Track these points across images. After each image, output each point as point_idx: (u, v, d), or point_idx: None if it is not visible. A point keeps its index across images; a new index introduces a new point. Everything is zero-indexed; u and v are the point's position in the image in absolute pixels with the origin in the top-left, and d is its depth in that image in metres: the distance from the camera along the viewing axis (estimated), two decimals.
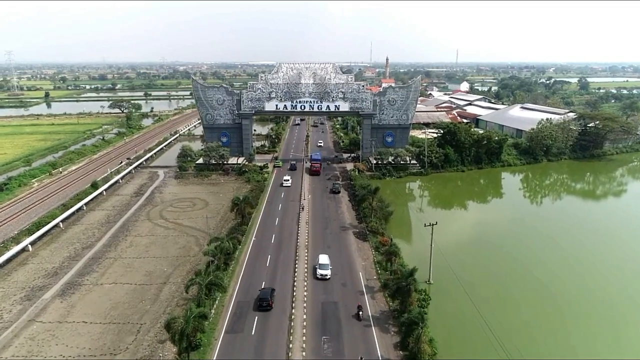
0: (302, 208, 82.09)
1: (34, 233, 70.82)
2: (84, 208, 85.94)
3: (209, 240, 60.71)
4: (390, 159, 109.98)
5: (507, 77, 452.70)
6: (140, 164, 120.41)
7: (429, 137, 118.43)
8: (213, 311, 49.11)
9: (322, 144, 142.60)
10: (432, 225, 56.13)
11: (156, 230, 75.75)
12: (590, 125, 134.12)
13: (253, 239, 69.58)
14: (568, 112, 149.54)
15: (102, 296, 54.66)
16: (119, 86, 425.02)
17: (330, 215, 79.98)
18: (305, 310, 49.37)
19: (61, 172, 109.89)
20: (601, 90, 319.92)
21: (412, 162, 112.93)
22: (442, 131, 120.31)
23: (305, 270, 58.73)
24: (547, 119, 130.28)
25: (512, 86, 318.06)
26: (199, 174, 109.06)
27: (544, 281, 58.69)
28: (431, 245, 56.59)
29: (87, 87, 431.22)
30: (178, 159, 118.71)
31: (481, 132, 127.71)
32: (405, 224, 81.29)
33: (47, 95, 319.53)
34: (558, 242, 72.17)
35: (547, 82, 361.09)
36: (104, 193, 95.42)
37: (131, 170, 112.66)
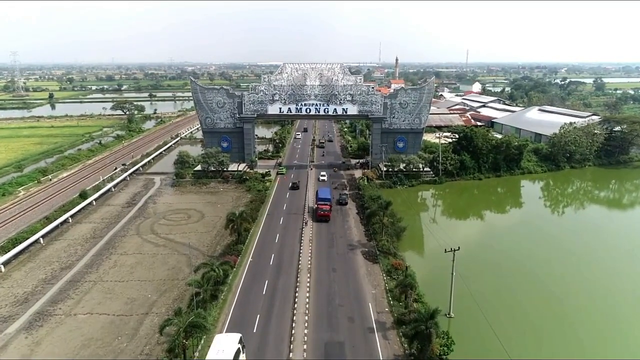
0: (306, 223, 74.59)
1: (8, 251, 64.08)
2: (70, 221, 79.23)
3: (195, 266, 53.31)
4: (402, 166, 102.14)
5: (519, 78, 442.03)
6: (137, 170, 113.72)
7: (443, 141, 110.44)
8: (197, 354, 41.85)
9: (325, 178, 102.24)
10: (454, 251, 48.37)
11: (145, 247, 68.76)
12: (616, 129, 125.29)
13: (250, 259, 62.21)
14: (591, 115, 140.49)
15: (74, 330, 47.65)
16: (125, 87, 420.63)
17: (336, 231, 72.38)
18: (305, 354, 41.89)
19: (50, 180, 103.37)
20: (618, 92, 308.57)
21: (425, 169, 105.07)
22: (457, 136, 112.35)
23: (307, 300, 51.23)
24: (569, 123, 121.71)
25: (526, 87, 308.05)
26: (196, 182, 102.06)
27: (574, 306, 50.85)
28: (452, 274, 48.86)
29: (93, 88, 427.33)
30: (175, 166, 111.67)
31: (499, 137, 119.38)
32: (419, 241, 73.51)
33: (51, 96, 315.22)
34: (593, 262, 64.10)
35: (562, 82, 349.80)
36: (94, 203, 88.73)
37: (126, 177, 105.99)
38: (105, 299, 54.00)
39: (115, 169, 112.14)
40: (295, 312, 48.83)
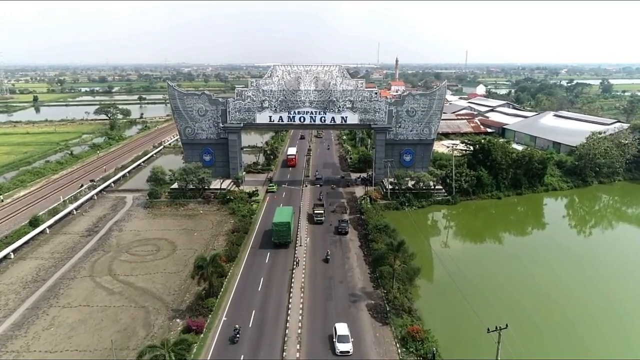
0: (297, 263, 60.76)
1: None
2: (11, 257, 65.30)
3: (138, 351, 39.39)
4: (410, 183, 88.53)
5: (522, 79, 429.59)
6: (108, 186, 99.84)
7: (456, 153, 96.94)
8: None
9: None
10: (500, 330, 34.71)
11: (95, 295, 54.94)
12: None
13: (224, 319, 48.44)
14: (616, 123, 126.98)
15: None
16: (116, 89, 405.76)
17: (334, 274, 58.57)
18: None
19: (2, 201, 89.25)
20: (626, 94, 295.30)
21: (436, 186, 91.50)
22: (471, 148, 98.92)
23: None
24: (598, 132, 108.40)
25: (531, 89, 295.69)
26: (173, 202, 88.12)
27: None
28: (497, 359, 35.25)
29: (83, 90, 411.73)
30: (149, 183, 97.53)
31: (520, 148, 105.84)
32: (437, 285, 59.28)
33: (35, 99, 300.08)
34: None
35: (569, 84, 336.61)
36: (47, 231, 74.79)
37: (92, 196, 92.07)
38: None
39: (82, 186, 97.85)
40: None
